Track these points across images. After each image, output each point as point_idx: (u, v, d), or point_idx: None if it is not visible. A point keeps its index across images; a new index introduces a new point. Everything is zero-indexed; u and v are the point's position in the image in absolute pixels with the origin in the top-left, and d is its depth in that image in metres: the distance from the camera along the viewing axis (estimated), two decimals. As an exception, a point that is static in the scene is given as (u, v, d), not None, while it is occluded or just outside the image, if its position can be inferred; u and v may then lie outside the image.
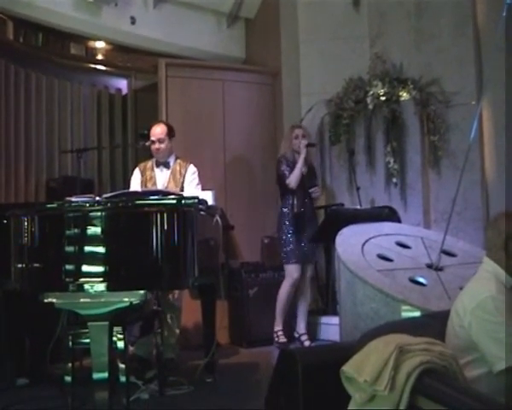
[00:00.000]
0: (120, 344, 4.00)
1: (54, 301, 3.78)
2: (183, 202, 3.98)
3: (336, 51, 7.58)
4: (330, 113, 7.43)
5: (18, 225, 3.96)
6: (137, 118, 8.42)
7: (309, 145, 6.62)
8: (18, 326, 5.30)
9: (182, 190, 5.57)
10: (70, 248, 3.78)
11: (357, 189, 6.93)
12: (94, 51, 8.33)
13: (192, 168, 5.85)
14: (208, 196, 4.78)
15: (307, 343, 6.54)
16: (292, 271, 6.53)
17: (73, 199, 4.08)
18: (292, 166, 6.56)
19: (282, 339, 6.52)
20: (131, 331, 5.26)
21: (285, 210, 6.59)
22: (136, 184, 5.84)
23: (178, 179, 5.76)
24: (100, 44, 8.15)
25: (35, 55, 7.60)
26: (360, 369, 2.47)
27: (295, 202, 6.52)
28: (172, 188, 5.60)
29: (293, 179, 6.51)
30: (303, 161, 6.53)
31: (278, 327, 6.58)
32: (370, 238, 5.09)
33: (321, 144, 7.57)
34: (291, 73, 7.77)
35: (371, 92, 7.11)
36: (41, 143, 7.40)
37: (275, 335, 6.56)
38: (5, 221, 4.43)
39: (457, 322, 2.77)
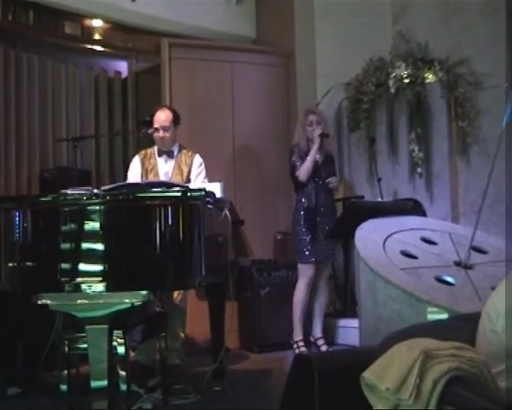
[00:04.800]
0: (121, 349, 4.02)
1: (48, 302, 3.79)
2: (188, 194, 3.98)
3: (355, 29, 7.55)
4: (349, 97, 7.42)
5: (9, 220, 3.97)
6: (138, 103, 8.41)
7: (323, 135, 6.57)
8: (9, 331, 5.31)
9: (187, 183, 5.57)
10: (66, 245, 3.80)
11: (379, 180, 6.92)
12: (90, 30, 8.31)
13: (198, 159, 5.84)
14: (216, 189, 4.78)
15: (324, 348, 6.54)
16: (306, 270, 6.53)
17: (69, 192, 4.09)
18: (305, 157, 6.54)
19: (304, 350, 6.46)
20: (133, 335, 5.28)
21: (298, 204, 6.61)
22: (134, 174, 5.82)
23: (184, 171, 5.75)
24: (97, 23, 8.13)
25: (26, 34, 7.58)
26: (382, 376, 2.47)
27: (307, 195, 6.52)
28: (178, 180, 5.60)
29: (302, 172, 6.49)
30: (315, 152, 6.51)
31: (298, 337, 6.55)
32: (393, 234, 5.07)
33: (339, 132, 7.56)
34: (306, 53, 7.75)
35: (394, 74, 7.10)
36: (33, 131, 7.40)
37: (294, 345, 6.54)
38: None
39: (489, 326, 2.75)
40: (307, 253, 6.49)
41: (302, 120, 6.72)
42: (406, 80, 7.04)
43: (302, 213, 6.53)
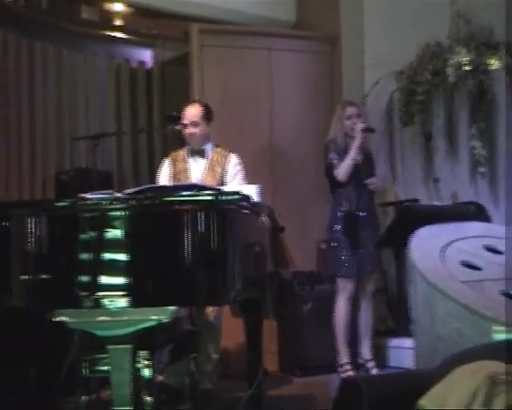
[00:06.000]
0: (146, 372, 4.02)
1: (65, 319, 3.81)
2: (222, 198, 3.98)
3: (409, 10, 7.51)
4: (401, 88, 7.40)
5: (21, 228, 3.99)
6: (165, 96, 8.45)
7: (367, 130, 6.54)
8: (21, 352, 5.34)
9: (221, 185, 5.57)
10: (85, 256, 3.81)
11: (436, 181, 6.88)
12: (110, 15, 8.38)
13: (235, 159, 5.87)
14: (252, 192, 4.78)
15: (375, 371, 6.50)
16: (344, 285, 6.48)
17: (89, 196, 4.11)
18: (342, 154, 6.48)
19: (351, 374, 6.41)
20: (160, 357, 5.30)
21: (335, 208, 6.55)
22: (164, 178, 5.87)
23: (218, 172, 5.77)
24: (118, 7, 8.19)
25: (39, 21, 7.66)
26: (442, 404, 2.45)
27: (347, 198, 6.48)
28: (210, 182, 5.61)
29: (342, 170, 6.42)
30: (357, 149, 6.46)
31: (344, 360, 6.49)
32: (452, 242, 5.05)
33: (390, 127, 7.54)
34: (353, 38, 7.74)
35: (452, 61, 7.05)
36: (48, 129, 7.47)
37: (340, 369, 6.49)
38: (6, 223, 4.35)
39: None
40: (347, 265, 6.44)
41: (339, 112, 6.65)
42: (467, 68, 6.99)
43: (340, 218, 6.48)
